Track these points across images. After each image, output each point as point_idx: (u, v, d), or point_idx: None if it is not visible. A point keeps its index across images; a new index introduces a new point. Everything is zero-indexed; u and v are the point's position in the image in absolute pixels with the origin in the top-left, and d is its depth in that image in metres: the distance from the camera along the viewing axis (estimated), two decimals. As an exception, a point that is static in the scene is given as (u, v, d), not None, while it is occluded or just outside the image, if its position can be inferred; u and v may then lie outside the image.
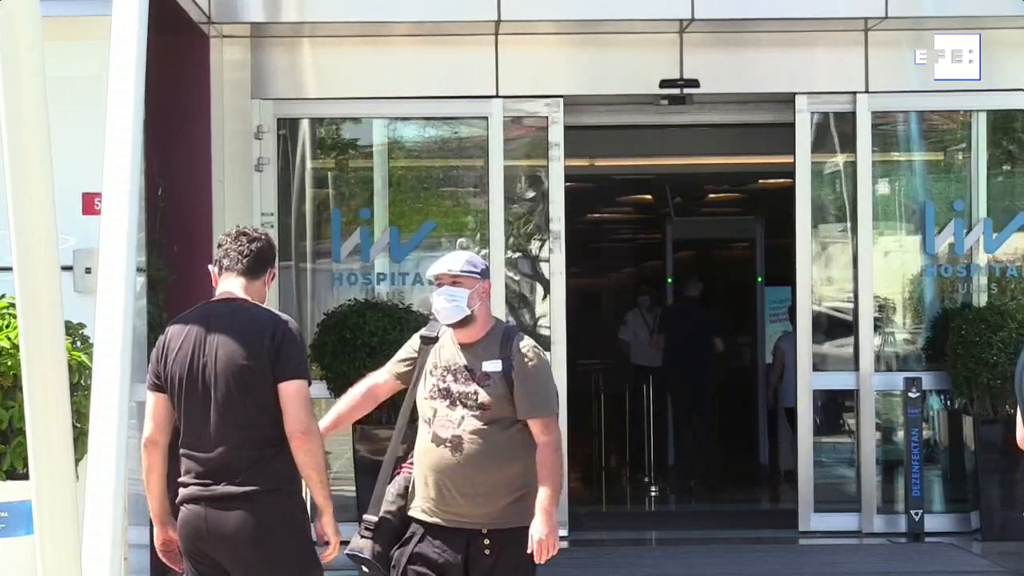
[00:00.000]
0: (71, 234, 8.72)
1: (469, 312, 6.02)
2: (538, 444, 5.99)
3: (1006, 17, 11.15)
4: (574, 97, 11.72)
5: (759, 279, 16.02)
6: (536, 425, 6.01)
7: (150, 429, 5.75)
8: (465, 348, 6.07)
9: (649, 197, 17.46)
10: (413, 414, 6.19)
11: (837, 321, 12.12)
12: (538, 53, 11.68)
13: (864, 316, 11.70)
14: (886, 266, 12.04)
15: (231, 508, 5.60)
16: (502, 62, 11.55)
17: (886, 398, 11.83)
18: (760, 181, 16.05)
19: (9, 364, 7.14)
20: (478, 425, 5.97)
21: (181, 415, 5.70)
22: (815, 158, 11.90)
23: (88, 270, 8.72)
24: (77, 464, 4.57)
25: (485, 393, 5.98)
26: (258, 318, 5.72)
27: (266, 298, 5.89)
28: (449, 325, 6.08)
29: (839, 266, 12.13)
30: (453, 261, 6.09)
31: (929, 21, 11.36)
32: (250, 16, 11.04)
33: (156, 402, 5.75)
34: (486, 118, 11.62)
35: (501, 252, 11.62)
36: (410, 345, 6.25)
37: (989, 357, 11.04)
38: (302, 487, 5.77)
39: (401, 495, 6.15)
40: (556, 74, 11.72)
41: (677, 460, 15.54)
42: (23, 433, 6.80)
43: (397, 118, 11.88)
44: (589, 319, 16.15)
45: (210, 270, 5.91)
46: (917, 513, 11.33)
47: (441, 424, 6.01)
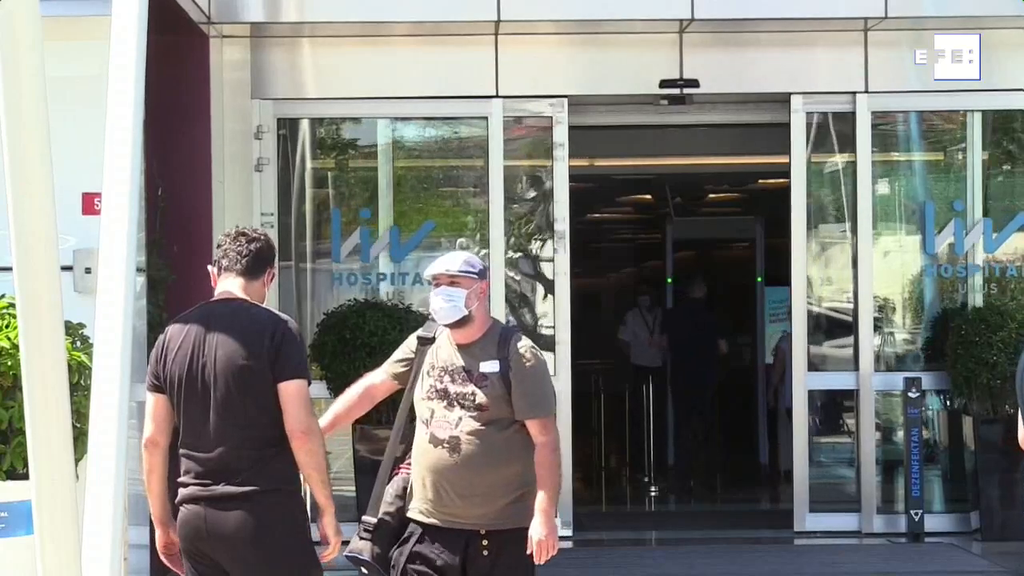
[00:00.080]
0: (71, 234, 8.71)
1: (467, 312, 6.00)
2: (536, 445, 5.97)
3: (1006, 17, 11.15)
4: (574, 97, 11.71)
5: (759, 279, 16.02)
6: (534, 426, 5.99)
7: (150, 430, 5.74)
8: (462, 349, 6.05)
9: (649, 197, 17.45)
10: (411, 414, 6.19)
11: (837, 321, 12.12)
12: (538, 53, 11.68)
13: (864, 316, 11.70)
14: (886, 266, 12.04)
15: (231, 508, 5.59)
16: (502, 62, 11.55)
17: (886, 398, 11.82)
18: (760, 181, 16.04)
19: (9, 364, 7.14)
20: (476, 426, 5.96)
21: (180, 415, 5.70)
22: (815, 158, 11.90)
23: (88, 270, 8.71)
24: (77, 464, 4.56)
25: (483, 394, 5.96)
26: (258, 318, 5.71)
27: (265, 298, 5.89)
28: (446, 325, 6.06)
29: (839, 266, 12.13)
30: (451, 261, 6.07)
31: (929, 21, 11.36)
32: (250, 16, 11.04)
33: (156, 403, 5.74)
34: (486, 118, 11.63)
35: (501, 252, 11.61)
36: (407, 345, 6.24)
37: (989, 357, 11.04)
38: (302, 487, 5.78)
39: (400, 496, 6.14)
40: (556, 74, 11.72)
41: (677, 460, 15.54)
42: (23, 433, 6.80)
43: (397, 118, 11.88)
44: (589, 319, 16.14)
45: (209, 270, 5.91)
46: (917, 513, 11.33)
47: (439, 425, 6.00)
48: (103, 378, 5.14)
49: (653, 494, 14.65)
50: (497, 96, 11.57)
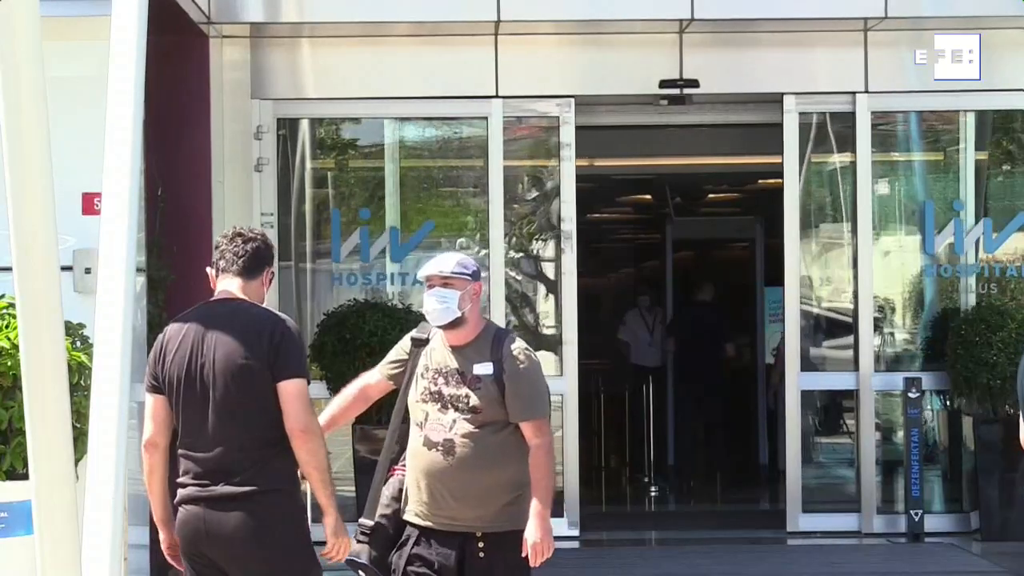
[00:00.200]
0: (71, 234, 8.71)
1: (460, 314, 5.97)
2: (530, 447, 5.95)
3: (1006, 17, 11.15)
4: (575, 97, 11.71)
5: (759, 279, 16.02)
6: (528, 428, 5.96)
7: (150, 431, 5.74)
8: (456, 350, 6.02)
9: (649, 197, 17.44)
10: (406, 416, 6.17)
11: (837, 321, 12.12)
12: (538, 53, 11.68)
13: (864, 316, 11.70)
14: (886, 266, 12.04)
15: (230, 509, 5.58)
16: (502, 62, 11.55)
17: (886, 398, 11.82)
18: (760, 181, 16.03)
19: (9, 364, 7.14)
20: (470, 428, 5.93)
21: (179, 416, 5.69)
22: (812, 158, 11.90)
23: (88, 270, 8.71)
24: (77, 464, 4.56)
25: (476, 396, 5.94)
26: (257, 318, 5.71)
27: (264, 299, 5.87)
28: (439, 327, 6.04)
29: (838, 266, 12.13)
30: (444, 262, 6.04)
31: (929, 21, 11.36)
32: (250, 16, 11.04)
33: (155, 403, 5.74)
34: (486, 118, 11.63)
35: (501, 252, 11.62)
36: (401, 347, 6.21)
37: (989, 357, 11.04)
38: (301, 487, 5.77)
39: (395, 498, 6.12)
40: (556, 75, 11.72)
41: (677, 460, 15.55)
42: (23, 433, 6.79)
43: (397, 118, 11.88)
44: (588, 319, 16.14)
45: (208, 272, 5.90)
46: (917, 513, 11.33)
47: (433, 427, 5.97)
48: (103, 378, 5.14)
49: (653, 494, 14.64)
50: (497, 96, 11.57)
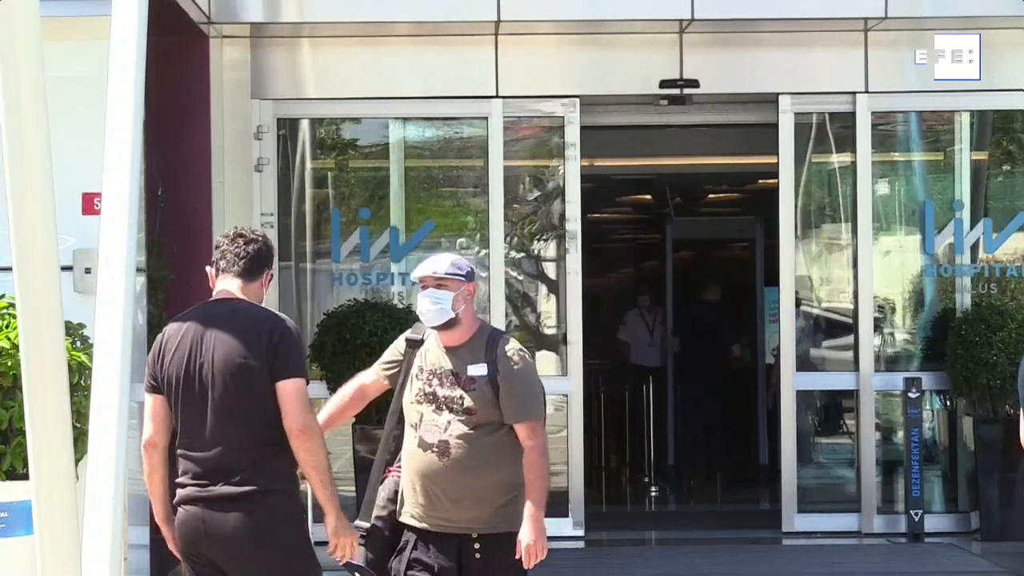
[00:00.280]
0: (71, 234, 8.71)
1: (454, 315, 5.97)
2: (524, 448, 5.93)
3: (1006, 17, 11.15)
4: (580, 98, 11.73)
5: (759, 279, 16.02)
6: (522, 429, 5.95)
7: (149, 431, 5.74)
8: (450, 351, 6.02)
9: (649, 197, 17.44)
10: (400, 417, 6.16)
11: (836, 322, 12.12)
12: (538, 53, 11.68)
13: (864, 316, 11.70)
14: (886, 266, 12.04)
15: (229, 509, 5.58)
16: (502, 62, 11.55)
17: (886, 398, 11.82)
18: (760, 181, 16.03)
19: (9, 364, 7.14)
20: (465, 430, 5.93)
21: (178, 416, 5.68)
22: (815, 158, 11.91)
23: (88, 270, 8.71)
24: (77, 464, 4.56)
25: (470, 398, 5.93)
26: (256, 317, 5.70)
27: (263, 300, 5.86)
28: (433, 328, 6.03)
29: (838, 266, 12.13)
30: (438, 263, 6.04)
31: (929, 21, 11.36)
32: (250, 16, 11.04)
33: (154, 404, 5.73)
34: (486, 118, 11.63)
35: (501, 252, 11.62)
36: (395, 347, 6.20)
37: (989, 357, 11.04)
38: (300, 487, 5.77)
39: (391, 500, 6.12)
40: (556, 74, 11.72)
41: (677, 460, 15.56)
42: (23, 433, 6.79)
43: (397, 118, 11.88)
44: (589, 319, 16.13)
45: (207, 271, 5.90)
46: (917, 513, 11.33)
47: (427, 429, 5.97)
48: (103, 378, 5.13)
49: (653, 494, 14.65)
50: (497, 96, 11.57)
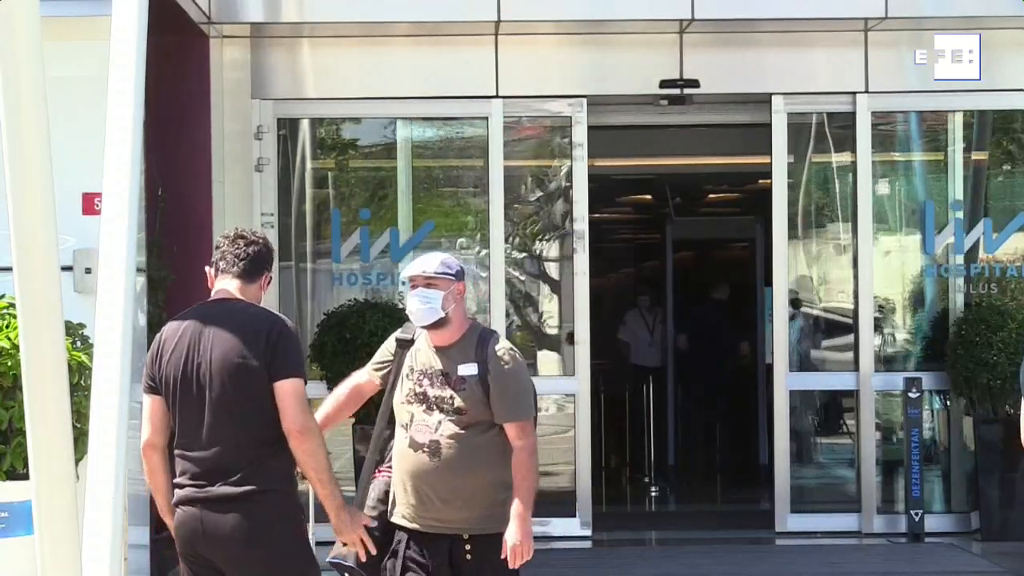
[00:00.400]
0: (71, 234, 8.71)
1: (443, 314, 5.95)
2: (513, 448, 5.91)
3: (1006, 17, 11.15)
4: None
5: (759, 279, 16.03)
6: (512, 429, 5.93)
7: (148, 433, 5.73)
8: (441, 351, 6.00)
9: (649, 197, 17.44)
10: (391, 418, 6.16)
11: (836, 322, 12.11)
12: (538, 53, 11.68)
13: (864, 316, 11.70)
14: (886, 266, 12.04)
15: (227, 510, 5.57)
16: (502, 62, 11.55)
17: (886, 398, 11.82)
18: (760, 181, 16.02)
19: (9, 364, 7.14)
20: (455, 430, 5.91)
21: (176, 416, 5.67)
22: (815, 158, 11.91)
23: (88, 270, 8.71)
24: (77, 464, 4.56)
25: (461, 397, 5.92)
26: (254, 317, 5.69)
27: (261, 302, 5.85)
28: (423, 327, 6.02)
29: (838, 266, 12.13)
30: (427, 262, 6.02)
31: (929, 21, 11.36)
32: (250, 16, 11.04)
33: (152, 405, 5.73)
34: (486, 118, 11.63)
35: (501, 252, 11.63)
36: (386, 348, 6.19)
37: (989, 357, 11.05)
38: (298, 487, 5.76)
39: (382, 500, 6.11)
40: (556, 74, 11.72)
41: (678, 460, 15.56)
42: (23, 433, 6.79)
43: (397, 118, 11.89)
44: (589, 319, 16.15)
45: (206, 272, 5.89)
46: (917, 513, 11.33)
47: (418, 429, 5.95)
48: (103, 378, 5.13)
49: (653, 494, 14.65)
50: (497, 96, 11.58)
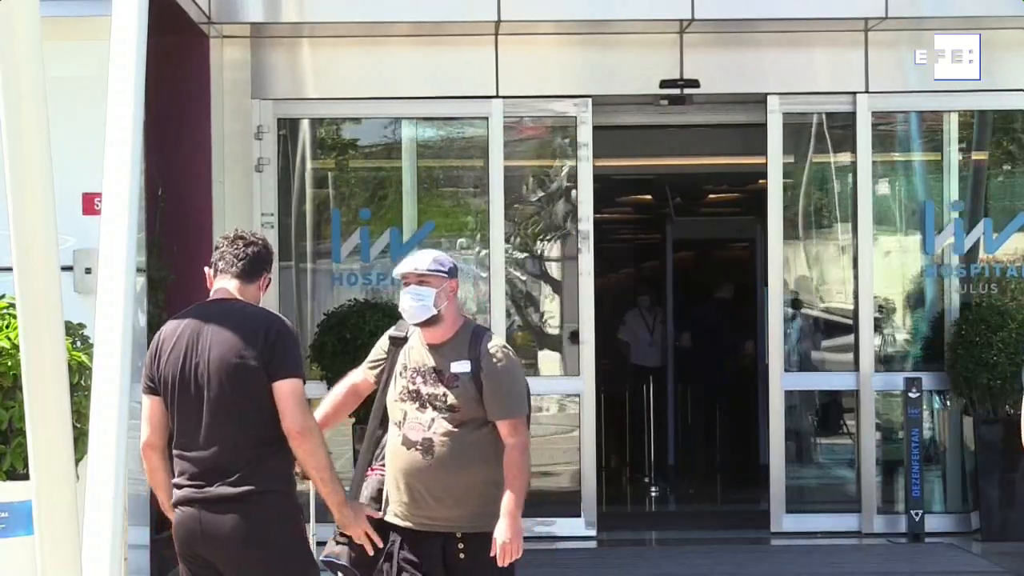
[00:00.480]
0: (71, 234, 8.72)
1: (436, 311, 5.95)
2: (505, 446, 5.91)
3: (1006, 17, 11.15)
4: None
5: (759, 280, 16.04)
6: (504, 426, 5.92)
7: (147, 433, 5.73)
8: (434, 349, 6.00)
9: (649, 197, 17.44)
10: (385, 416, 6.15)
11: (836, 322, 12.11)
12: (538, 53, 11.68)
13: (864, 316, 11.70)
14: (886, 266, 12.04)
15: (226, 511, 5.56)
16: (502, 62, 11.55)
17: (886, 398, 11.82)
18: (760, 181, 16.00)
19: (9, 364, 7.14)
20: (449, 427, 5.91)
21: (174, 416, 5.67)
22: (815, 158, 11.92)
23: (88, 270, 8.71)
24: (77, 464, 4.56)
25: (454, 395, 5.91)
26: (252, 316, 5.69)
27: (260, 303, 5.85)
28: (416, 324, 6.01)
29: (838, 266, 12.13)
30: (419, 260, 6.02)
31: (929, 21, 11.36)
32: (250, 16, 11.04)
33: (151, 405, 5.73)
34: (486, 118, 11.63)
35: (502, 252, 11.63)
36: (380, 346, 6.19)
37: (989, 357, 11.05)
38: (297, 487, 5.76)
39: (374, 499, 6.09)
40: (556, 75, 11.72)
41: (677, 460, 15.56)
42: (23, 433, 6.79)
43: (397, 118, 11.89)
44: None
45: (205, 272, 5.89)
46: (917, 513, 11.33)
47: (411, 427, 5.95)
48: (103, 378, 5.13)
49: (653, 494, 14.65)
50: (497, 96, 11.58)
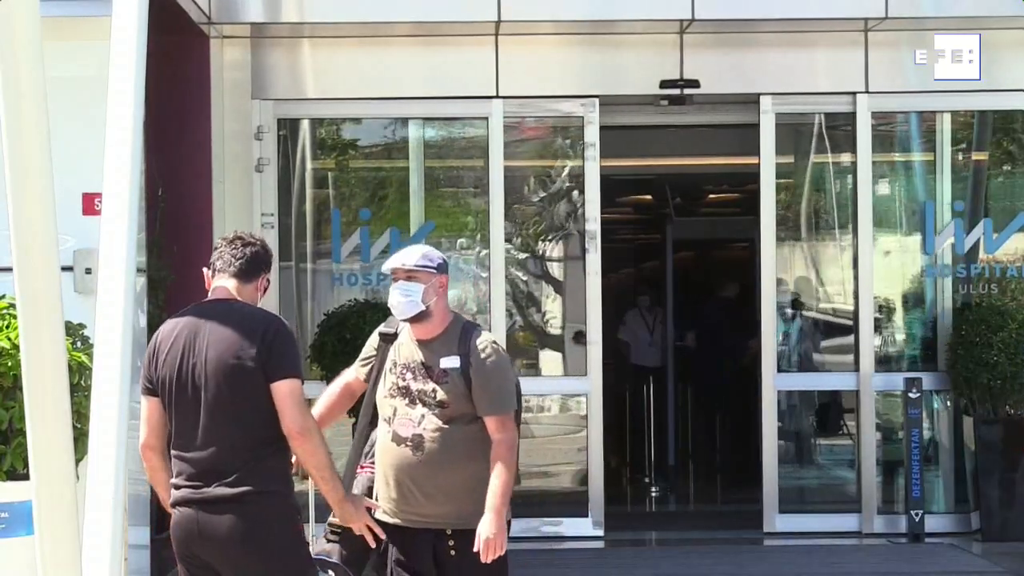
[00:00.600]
0: (71, 234, 8.71)
1: (424, 307, 5.95)
2: (493, 441, 5.90)
3: (1006, 17, 11.15)
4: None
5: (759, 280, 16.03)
6: (492, 422, 5.92)
7: (145, 434, 5.72)
8: (423, 344, 6.00)
9: (649, 197, 17.44)
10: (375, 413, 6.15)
11: (836, 323, 12.11)
12: (538, 53, 11.68)
13: (864, 316, 11.70)
14: (886, 266, 12.04)
15: (224, 511, 5.56)
16: (502, 62, 11.55)
17: (886, 398, 11.82)
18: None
19: (9, 364, 7.14)
20: (438, 423, 5.91)
21: (172, 417, 5.66)
22: (815, 159, 11.92)
23: (88, 270, 8.71)
24: (77, 464, 4.56)
25: (443, 391, 5.91)
26: (250, 316, 5.68)
27: (258, 304, 5.85)
28: (404, 320, 6.01)
29: (838, 266, 12.13)
30: (408, 255, 6.02)
31: (929, 21, 11.36)
32: (250, 16, 11.04)
33: (150, 406, 5.72)
34: (487, 118, 11.63)
35: (502, 252, 11.63)
36: (370, 343, 6.19)
37: (989, 357, 11.05)
38: (294, 487, 5.76)
39: (366, 496, 6.12)
40: (556, 75, 11.72)
41: (677, 460, 15.56)
42: (23, 433, 6.79)
43: (397, 118, 11.88)
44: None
45: (204, 272, 5.89)
46: (917, 514, 11.33)
47: (401, 423, 5.95)
48: (103, 378, 5.13)
49: (653, 494, 14.64)
50: (497, 96, 11.58)
